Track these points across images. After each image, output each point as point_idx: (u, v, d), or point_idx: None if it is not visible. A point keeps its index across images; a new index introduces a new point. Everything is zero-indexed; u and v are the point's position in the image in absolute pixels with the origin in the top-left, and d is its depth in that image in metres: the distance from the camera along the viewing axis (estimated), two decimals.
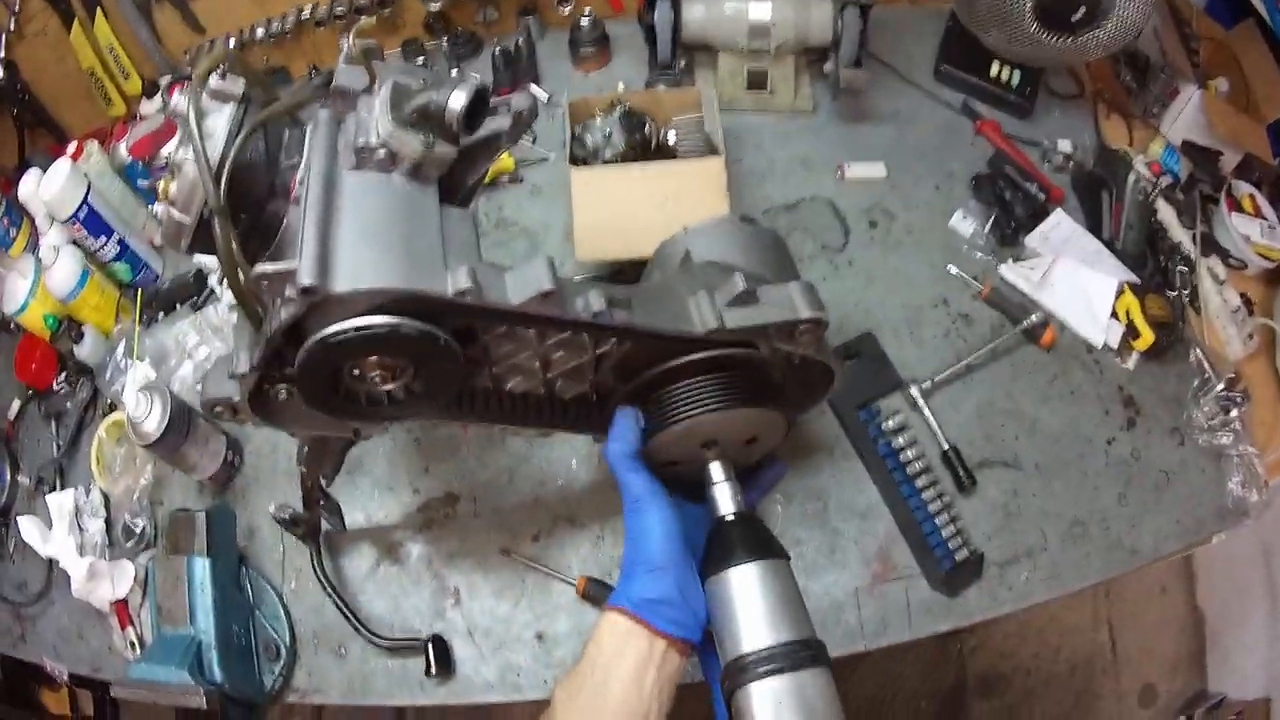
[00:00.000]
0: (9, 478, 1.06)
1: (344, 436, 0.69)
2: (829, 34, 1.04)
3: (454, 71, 1.17)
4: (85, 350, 1.07)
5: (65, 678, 0.95)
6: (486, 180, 1.05)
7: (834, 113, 1.10)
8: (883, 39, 1.13)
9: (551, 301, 0.54)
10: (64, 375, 1.09)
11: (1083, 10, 1.00)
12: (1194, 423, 0.92)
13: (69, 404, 1.07)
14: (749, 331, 0.60)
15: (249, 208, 0.58)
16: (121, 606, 0.92)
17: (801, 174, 1.05)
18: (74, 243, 1.07)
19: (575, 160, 0.95)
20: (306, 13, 1.16)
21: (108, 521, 0.97)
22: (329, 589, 0.83)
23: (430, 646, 0.82)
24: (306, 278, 0.49)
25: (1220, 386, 0.93)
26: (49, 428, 1.07)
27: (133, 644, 0.90)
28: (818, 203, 1.02)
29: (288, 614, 0.87)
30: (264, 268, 0.51)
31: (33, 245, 1.12)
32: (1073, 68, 1.15)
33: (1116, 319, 0.96)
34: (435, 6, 1.14)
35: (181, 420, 0.88)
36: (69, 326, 1.08)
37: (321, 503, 0.81)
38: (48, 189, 1.01)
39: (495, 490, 0.90)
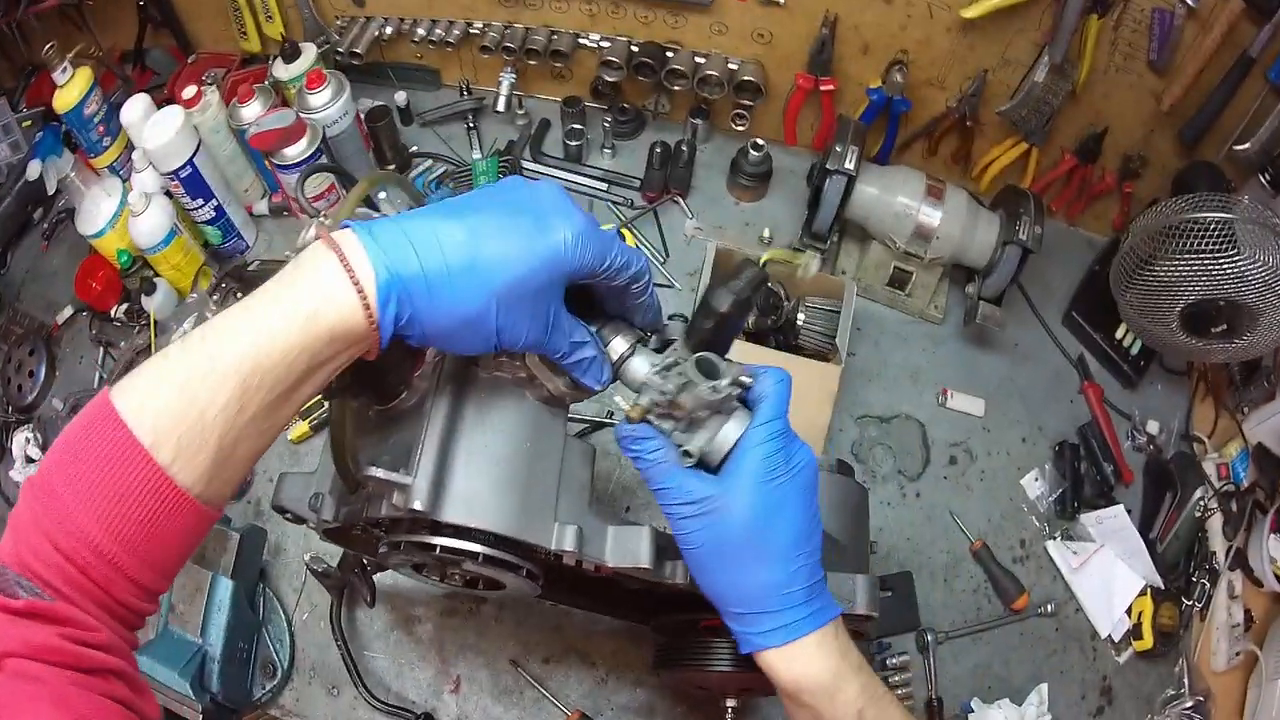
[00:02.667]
0: (43, 377, 1.05)
1: None
2: (984, 261, 1.03)
3: (606, 150, 1.12)
4: (154, 303, 1.05)
5: None
6: None
7: (958, 328, 1.10)
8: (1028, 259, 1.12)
9: (644, 571, 0.55)
10: (124, 308, 1.06)
11: (1224, 326, 1.01)
12: None
13: (122, 342, 1.05)
14: None
15: (365, 379, 0.54)
16: None
17: (907, 386, 1.06)
18: (167, 193, 1.02)
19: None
20: (476, 28, 1.08)
21: None
22: (340, 640, 0.88)
23: None
24: (419, 502, 0.48)
25: (1188, 704, 1.02)
26: (95, 351, 1.05)
27: None
28: (911, 424, 1.05)
29: (293, 640, 0.92)
30: (376, 473, 0.50)
31: (124, 162, 1.08)
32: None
33: (1128, 615, 1.03)
34: (612, 78, 1.07)
35: None
36: (142, 268, 1.05)
37: (357, 572, 0.83)
38: (154, 136, 0.95)
39: (523, 605, 0.94)
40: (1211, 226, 0.89)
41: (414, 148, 1.11)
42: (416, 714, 0.88)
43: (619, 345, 0.53)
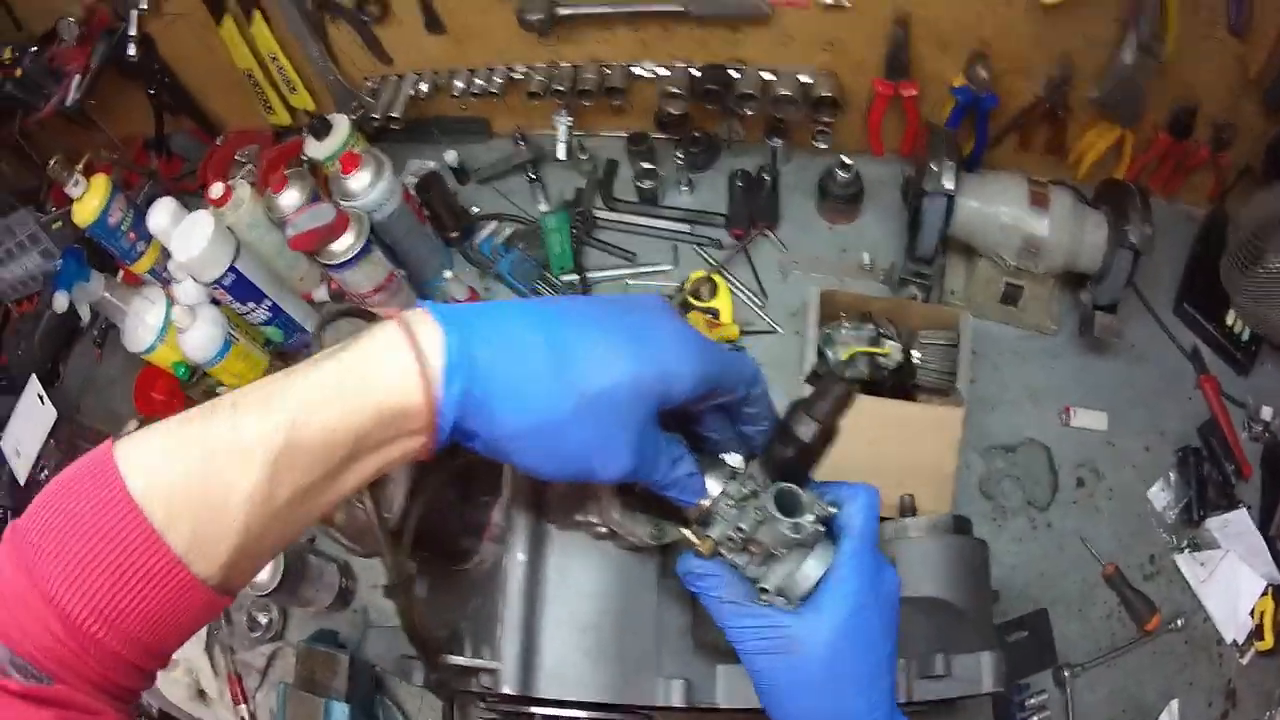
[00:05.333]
0: None
1: None
2: (1095, 265, 0.97)
3: (683, 187, 1.03)
4: None
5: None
6: None
7: (1072, 335, 1.04)
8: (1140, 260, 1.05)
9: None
10: None
11: None
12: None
13: None
14: (931, 703, 0.60)
15: (431, 544, 0.50)
16: (236, 681, 0.93)
17: (1029, 408, 1.01)
18: (215, 301, 0.94)
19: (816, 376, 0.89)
20: (520, 73, 0.98)
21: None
22: None
23: None
24: (509, 686, 0.45)
25: None
26: None
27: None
28: (1036, 448, 1.00)
29: None
30: (458, 660, 0.46)
31: (164, 263, 0.99)
32: None
33: (1251, 616, 1.01)
34: (676, 109, 0.98)
35: (296, 567, 0.86)
36: (203, 376, 0.99)
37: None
38: (186, 246, 0.86)
39: None
40: None
41: (475, 209, 1.02)
42: None
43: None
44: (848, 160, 1.00)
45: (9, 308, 1.12)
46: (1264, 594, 0.99)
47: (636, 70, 0.99)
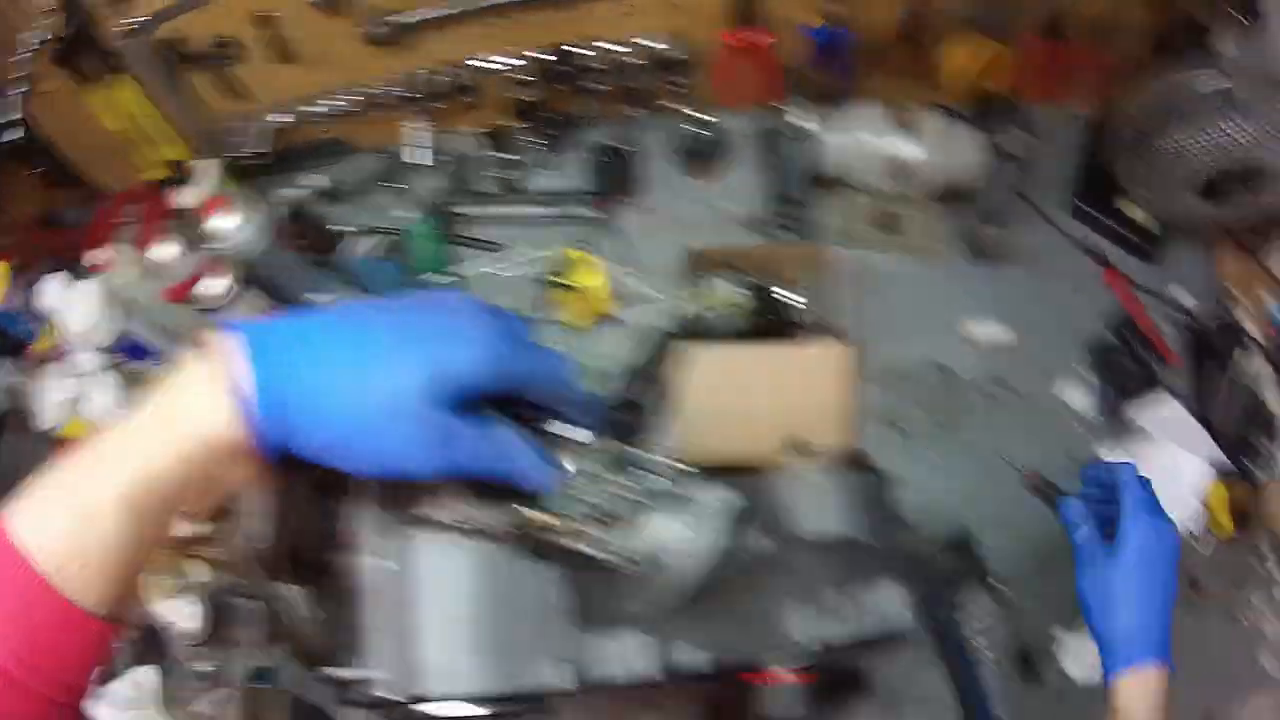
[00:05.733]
0: None
1: None
2: (976, 179, 0.96)
3: (548, 171, 1.05)
4: None
5: None
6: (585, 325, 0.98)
7: (963, 255, 1.03)
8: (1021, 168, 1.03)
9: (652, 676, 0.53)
10: None
11: (1243, 188, 0.93)
12: (1251, 604, 0.99)
13: None
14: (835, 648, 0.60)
15: (304, 563, 0.54)
16: None
17: (925, 332, 1.00)
18: (116, 366, 0.96)
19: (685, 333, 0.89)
20: (376, 90, 1.00)
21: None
22: None
23: None
24: (391, 691, 0.46)
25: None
26: None
27: None
28: (935, 370, 0.99)
29: None
30: (339, 673, 0.48)
31: (63, 340, 1.03)
32: None
33: (1204, 506, 0.99)
34: (530, 96, 0.99)
35: (223, 612, 0.84)
36: None
37: None
38: (77, 318, 0.90)
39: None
40: (1211, 97, 0.81)
41: (351, 228, 1.05)
42: None
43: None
44: (707, 118, 1.00)
45: None
46: (1212, 480, 0.97)
47: (487, 65, 1.00)
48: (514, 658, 0.50)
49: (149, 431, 0.40)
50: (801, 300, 0.91)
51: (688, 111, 1.03)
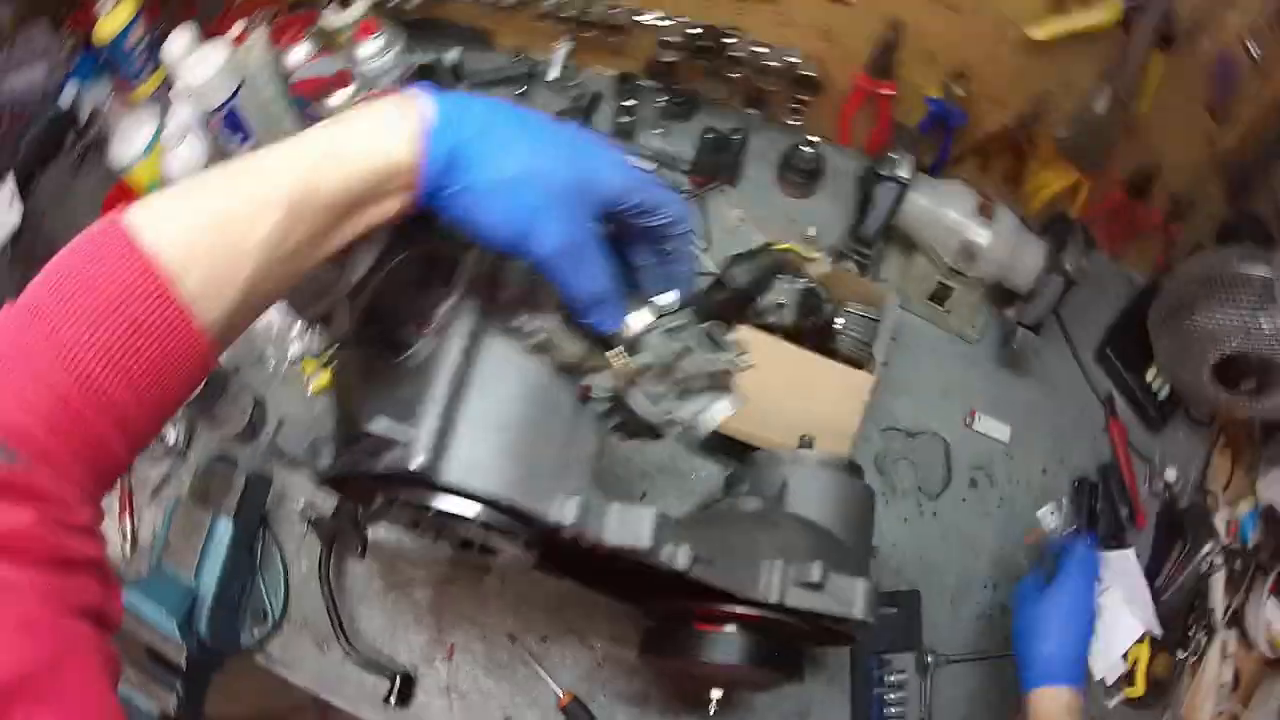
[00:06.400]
0: None
1: None
2: (1027, 286, 1.02)
3: (657, 131, 1.10)
4: None
5: None
6: None
7: (992, 350, 1.09)
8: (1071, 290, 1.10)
9: (642, 552, 0.54)
10: None
11: (1254, 383, 1.00)
12: None
13: None
14: (802, 612, 0.63)
15: (377, 322, 0.53)
16: (127, 494, 0.91)
17: (937, 403, 1.05)
18: (205, 126, 0.99)
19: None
20: None
21: None
22: (325, 587, 0.85)
23: (397, 679, 0.86)
24: (418, 462, 0.47)
25: None
26: None
27: (125, 535, 0.90)
28: (936, 441, 1.03)
29: (288, 592, 0.89)
30: (377, 428, 0.49)
31: (162, 94, 1.04)
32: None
33: (1124, 659, 1.02)
34: (669, 58, 1.05)
35: (217, 382, 0.88)
36: None
37: (349, 522, 0.79)
38: (195, 72, 0.92)
39: (526, 580, 0.92)
40: (1255, 281, 0.88)
41: None
42: (396, 672, 0.86)
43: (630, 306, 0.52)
44: (814, 139, 1.06)
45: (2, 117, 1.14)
46: (1140, 640, 1.00)
47: (640, 16, 1.06)
48: (533, 474, 0.51)
49: (327, 142, 0.40)
50: (852, 330, 0.95)
51: (799, 127, 1.09)
